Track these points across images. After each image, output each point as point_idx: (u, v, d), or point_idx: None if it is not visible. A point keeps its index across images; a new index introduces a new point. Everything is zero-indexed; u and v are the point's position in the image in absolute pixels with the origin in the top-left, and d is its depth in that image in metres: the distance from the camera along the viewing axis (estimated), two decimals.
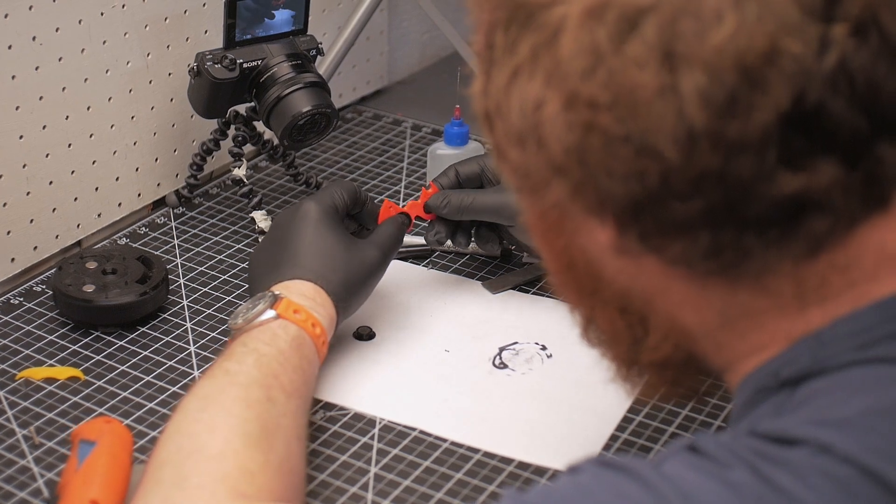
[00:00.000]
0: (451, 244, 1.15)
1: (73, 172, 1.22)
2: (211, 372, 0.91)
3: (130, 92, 1.26)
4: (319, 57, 1.26)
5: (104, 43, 1.21)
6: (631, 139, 0.62)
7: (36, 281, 1.18)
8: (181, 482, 0.80)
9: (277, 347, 0.93)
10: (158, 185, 1.32)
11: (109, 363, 1.06)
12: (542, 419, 0.99)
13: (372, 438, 0.97)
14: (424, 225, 1.16)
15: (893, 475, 0.60)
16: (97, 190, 1.25)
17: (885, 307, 0.66)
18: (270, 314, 0.95)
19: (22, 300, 1.14)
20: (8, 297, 1.15)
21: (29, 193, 1.18)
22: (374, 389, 1.03)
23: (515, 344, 1.09)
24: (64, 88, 1.19)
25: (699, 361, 0.75)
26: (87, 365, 1.05)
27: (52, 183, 1.20)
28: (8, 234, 1.16)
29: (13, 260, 1.17)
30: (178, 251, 1.24)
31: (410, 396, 1.02)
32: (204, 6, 1.31)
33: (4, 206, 1.15)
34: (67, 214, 1.22)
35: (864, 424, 0.62)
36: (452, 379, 1.04)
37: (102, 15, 1.20)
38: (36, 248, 1.20)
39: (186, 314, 1.13)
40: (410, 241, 1.19)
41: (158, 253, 1.21)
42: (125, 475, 0.86)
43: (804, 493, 0.60)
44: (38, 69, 1.15)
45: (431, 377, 1.05)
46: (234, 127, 1.27)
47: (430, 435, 0.97)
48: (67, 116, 1.20)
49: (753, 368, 0.70)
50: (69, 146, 1.21)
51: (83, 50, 1.19)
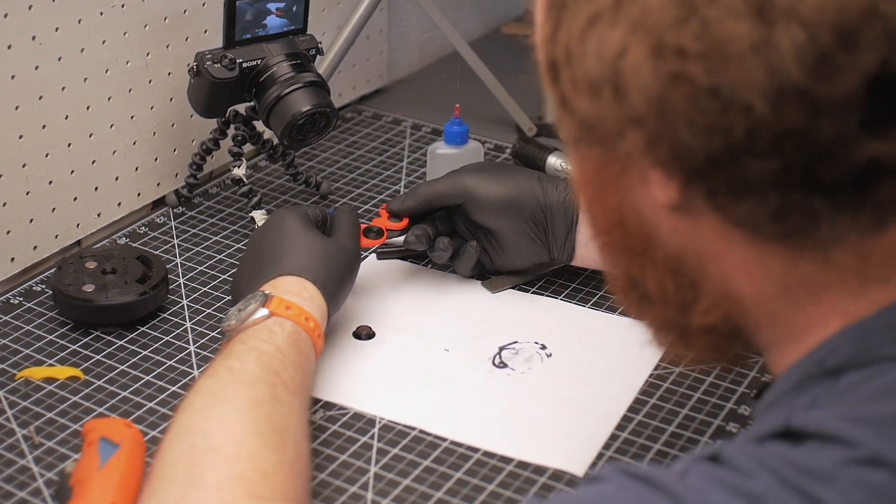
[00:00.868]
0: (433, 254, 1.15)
1: (72, 172, 1.22)
2: (213, 370, 0.90)
3: (130, 91, 1.26)
4: (319, 56, 1.26)
5: (104, 42, 1.21)
6: (720, 91, 0.61)
7: (36, 281, 1.17)
8: (196, 480, 0.79)
9: (276, 345, 0.93)
10: (158, 184, 1.32)
11: (109, 363, 1.06)
12: (541, 418, 0.99)
13: (372, 438, 0.97)
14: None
15: None
16: (97, 189, 1.25)
17: None
18: (263, 312, 0.95)
19: (21, 300, 1.14)
20: (7, 296, 1.15)
21: (28, 193, 1.18)
22: (373, 389, 1.03)
23: (515, 343, 1.09)
24: (63, 88, 1.19)
25: (745, 334, 0.74)
26: (86, 365, 1.05)
27: (51, 182, 1.20)
28: (8, 233, 1.16)
29: (13, 260, 1.17)
30: (177, 251, 1.24)
31: (410, 396, 1.02)
32: (203, 6, 1.31)
33: (4, 205, 1.15)
34: (67, 214, 1.22)
35: None
36: (452, 378, 1.04)
37: (102, 15, 1.20)
38: (36, 247, 1.20)
39: (186, 314, 1.13)
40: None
41: (158, 252, 1.21)
42: (140, 482, 0.86)
43: (836, 500, 0.59)
44: (37, 69, 1.15)
45: (431, 377, 1.05)
46: (233, 126, 1.27)
47: (429, 434, 0.97)
48: (67, 116, 1.20)
49: (801, 356, 0.69)
50: (69, 146, 1.21)
51: (83, 49, 1.19)
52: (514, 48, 1.76)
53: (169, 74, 1.30)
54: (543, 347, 1.08)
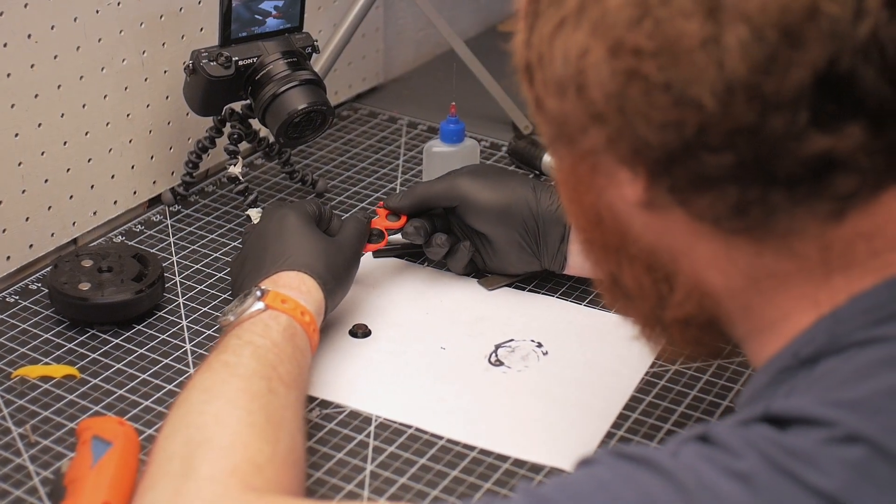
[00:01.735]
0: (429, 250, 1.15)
1: (68, 170, 1.22)
2: (208, 365, 0.91)
3: (126, 90, 1.26)
4: (315, 54, 1.26)
5: (99, 41, 1.21)
6: (671, 88, 0.64)
7: (31, 279, 1.17)
8: (191, 473, 0.80)
9: (271, 339, 0.93)
10: (154, 182, 1.32)
11: (105, 361, 1.06)
12: (537, 416, 0.99)
13: (368, 436, 0.97)
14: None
15: None
16: (93, 188, 1.25)
17: None
18: (260, 306, 0.96)
19: (17, 298, 1.14)
20: (3, 295, 1.15)
21: (24, 191, 1.17)
22: (369, 387, 1.03)
23: (511, 341, 1.09)
24: (59, 86, 1.19)
25: (721, 324, 0.77)
26: (82, 363, 1.05)
27: (47, 181, 1.20)
28: (3, 231, 1.16)
29: (9, 258, 1.17)
30: (173, 249, 1.24)
31: (406, 394, 1.02)
32: (199, 4, 1.31)
33: (0, 203, 1.15)
34: (63, 212, 1.22)
35: (876, 404, 0.63)
36: (448, 376, 1.04)
37: (97, 13, 1.20)
38: (31, 245, 1.20)
39: (182, 312, 1.13)
40: (400, 239, 1.18)
41: (154, 251, 1.21)
42: (134, 479, 0.86)
43: (818, 478, 0.61)
44: (33, 67, 1.15)
45: (427, 375, 1.05)
46: (229, 125, 1.27)
47: (425, 432, 0.97)
48: (63, 114, 1.20)
49: (778, 347, 0.71)
50: (64, 144, 1.21)
51: (78, 48, 1.19)
52: (510, 46, 1.75)
53: (165, 72, 1.30)
54: (540, 345, 1.08)
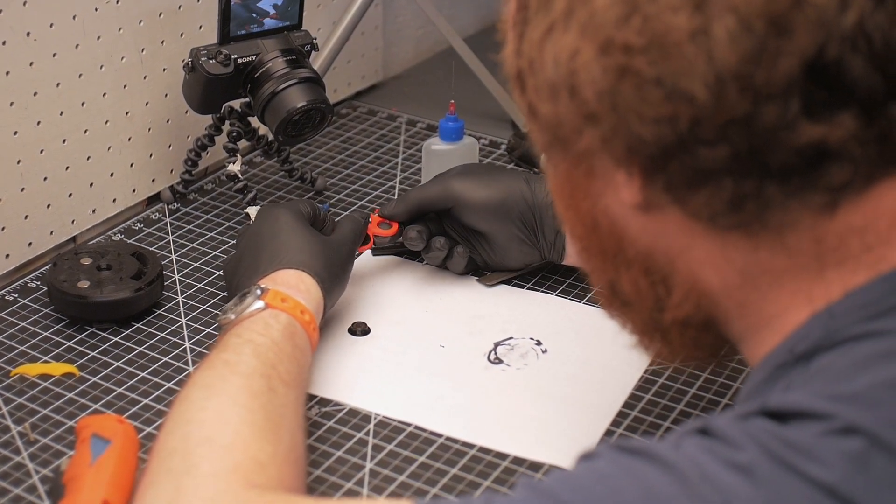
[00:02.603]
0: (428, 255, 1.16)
1: (67, 168, 1.22)
2: (209, 362, 0.91)
3: (125, 87, 1.26)
4: (314, 52, 1.26)
5: (98, 38, 1.21)
6: (663, 82, 0.65)
7: (30, 277, 1.17)
8: (191, 470, 0.80)
9: (271, 338, 0.93)
10: (153, 180, 1.32)
11: (104, 359, 1.06)
12: (537, 414, 0.99)
13: (367, 434, 0.97)
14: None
15: None
16: (92, 186, 1.25)
17: (893, 278, 0.68)
18: (259, 305, 0.96)
19: (16, 296, 1.14)
20: (2, 293, 1.15)
21: (23, 189, 1.17)
22: (369, 385, 1.03)
23: (510, 339, 1.09)
24: (58, 84, 1.18)
25: (719, 324, 0.77)
26: (81, 361, 1.05)
27: (46, 179, 1.20)
28: (2, 229, 1.16)
29: (7, 256, 1.17)
30: (172, 247, 1.24)
31: (405, 392, 1.02)
32: (198, 2, 1.31)
33: None
34: (62, 210, 1.22)
35: (873, 397, 0.63)
36: (447, 374, 1.04)
37: (96, 10, 1.20)
38: (30, 244, 1.20)
39: (181, 310, 1.13)
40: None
41: (153, 249, 1.21)
42: (133, 477, 0.86)
43: (818, 470, 0.61)
44: (32, 65, 1.15)
45: (426, 373, 1.05)
46: (228, 122, 1.27)
47: (425, 430, 0.97)
48: (62, 112, 1.20)
49: (774, 343, 0.71)
50: (63, 142, 1.21)
51: (77, 45, 1.19)
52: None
53: (164, 70, 1.30)
54: (539, 343, 1.08)
